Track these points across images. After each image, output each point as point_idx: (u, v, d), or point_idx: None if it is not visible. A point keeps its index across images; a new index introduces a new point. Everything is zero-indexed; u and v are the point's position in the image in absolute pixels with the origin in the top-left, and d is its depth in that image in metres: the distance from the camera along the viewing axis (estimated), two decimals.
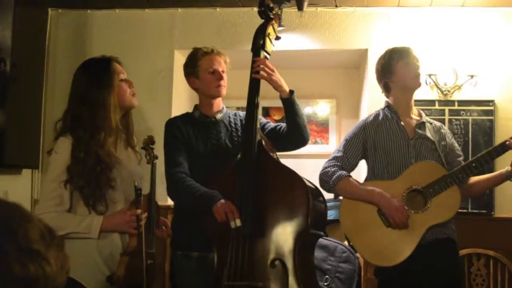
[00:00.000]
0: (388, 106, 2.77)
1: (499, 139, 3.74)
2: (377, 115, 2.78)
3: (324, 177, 2.69)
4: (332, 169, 2.68)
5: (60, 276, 0.89)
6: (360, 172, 3.19)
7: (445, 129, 2.84)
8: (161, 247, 2.52)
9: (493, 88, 3.82)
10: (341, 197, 2.82)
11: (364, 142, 2.73)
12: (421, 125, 2.73)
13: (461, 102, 3.89)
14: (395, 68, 2.71)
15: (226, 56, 2.76)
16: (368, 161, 2.76)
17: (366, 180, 2.76)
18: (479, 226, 3.63)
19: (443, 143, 2.73)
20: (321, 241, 3.41)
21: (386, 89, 2.79)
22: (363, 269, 3.59)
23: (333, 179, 2.65)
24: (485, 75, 3.83)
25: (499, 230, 3.47)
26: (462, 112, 3.89)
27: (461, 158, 2.75)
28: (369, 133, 2.72)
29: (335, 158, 2.74)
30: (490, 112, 3.80)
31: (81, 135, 2.23)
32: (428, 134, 2.71)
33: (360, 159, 2.77)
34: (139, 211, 2.19)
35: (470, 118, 3.87)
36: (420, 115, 2.78)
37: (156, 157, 2.37)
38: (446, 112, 3.90)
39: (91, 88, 2.28)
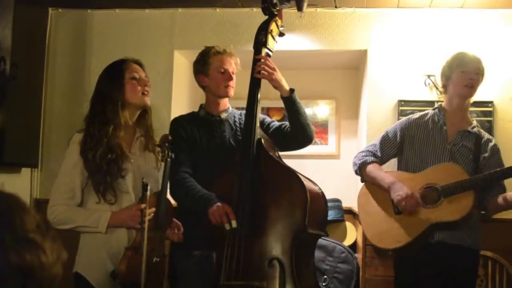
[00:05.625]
0: (439, 108, 2.85)
1: (498, 140, 3.71)
2: (424, 115, 2.88)
3: (355, 159, 2.92)
4: (363, 154, 2.90)
5: (55, 266, 0.89)
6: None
7: (493, 143, 2.83)
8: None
9: (492, 89, 3.81)
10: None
11: (403, 137, 2.84)
12: (464, 133, 2.77)
13: None
14: (452, 73, 2.79)
15: (237, 57, 2.76)
16: (403, 155, 2.84)
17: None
18: None
19: (484, 155, 2.74)
20: (320, 241, 3.40)
21: (445, 90, 2.88)
22: (362, 269, 3.59)
23: (360, 162, 2.87)
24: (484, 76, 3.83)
25: (497, 231, 3.47)
26: None
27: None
28: (410, 129, 2.83)
29: (372, 145, 2.93)
30: (489, 113, 3.79)
31: (91, 127, 2.33)
32: (469, 143, 2.74)
33: (393, 157, 2.89)
34: (143, 205, 2.22)
35: None
36: (470, 124, 2.81)
37: (171, 156, 2.38)
38: None
39: (104, 84, 2.40)
